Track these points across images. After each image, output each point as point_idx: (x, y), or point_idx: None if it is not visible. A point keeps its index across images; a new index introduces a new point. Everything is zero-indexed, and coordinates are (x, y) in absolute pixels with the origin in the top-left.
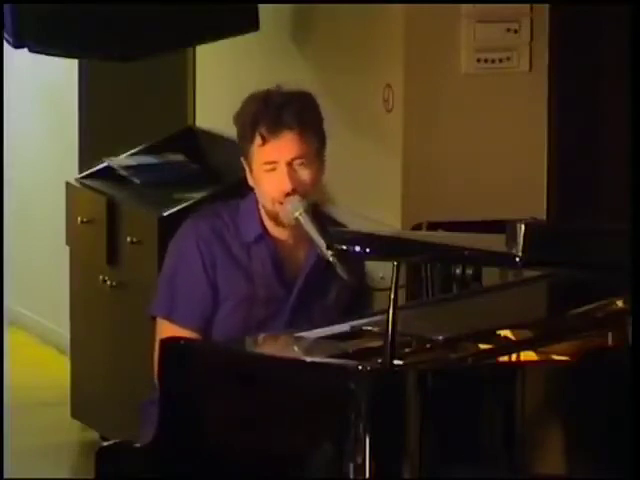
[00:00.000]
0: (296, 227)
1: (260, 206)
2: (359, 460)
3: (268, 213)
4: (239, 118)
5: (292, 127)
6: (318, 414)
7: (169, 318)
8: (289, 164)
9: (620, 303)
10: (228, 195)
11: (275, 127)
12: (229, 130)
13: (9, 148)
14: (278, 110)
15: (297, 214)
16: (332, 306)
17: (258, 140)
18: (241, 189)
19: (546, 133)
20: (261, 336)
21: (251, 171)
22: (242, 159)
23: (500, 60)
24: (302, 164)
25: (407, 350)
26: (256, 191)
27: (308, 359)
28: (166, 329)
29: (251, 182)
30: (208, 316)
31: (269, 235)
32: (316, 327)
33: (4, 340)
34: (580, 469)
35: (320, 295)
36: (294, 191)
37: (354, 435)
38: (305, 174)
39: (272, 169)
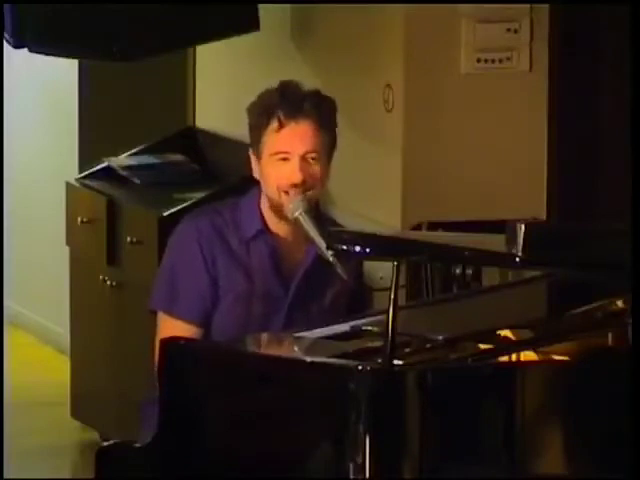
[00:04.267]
0: (297, 224)
1: (262, 202)
2: (359, 460)
3: (272, 205)
4: (255, 107)
5: (311, 116)
6: (318, 414)
7: (170, 312)
8: (302, 157)
9: (620, 303)
10: (228, 195)
11: (294, 113)
12: (229, 130)
13: (9, 148)
14: (299, 100)
15: (297, 214)
16: (330, 305)
17: (274, 125)
18: (241, 189)
19: (546, 133)
20: (261, 336)
21: (259, 159)
22: (250, 149)
23: (500, 60)
24: (314, 159)
25: (407, 350)
26: (262, 181)
27: (308, 359)
28: (167, 323)
29: (256, 173)
30: (208, 310)
31: (269, 231)
32: (314, 325)
33: (4, 340)
34: (580, 469)
35: (318, 293)
36: (303, 183)
37: (354, 435)
38: (315, 169)
39: (283, 159)
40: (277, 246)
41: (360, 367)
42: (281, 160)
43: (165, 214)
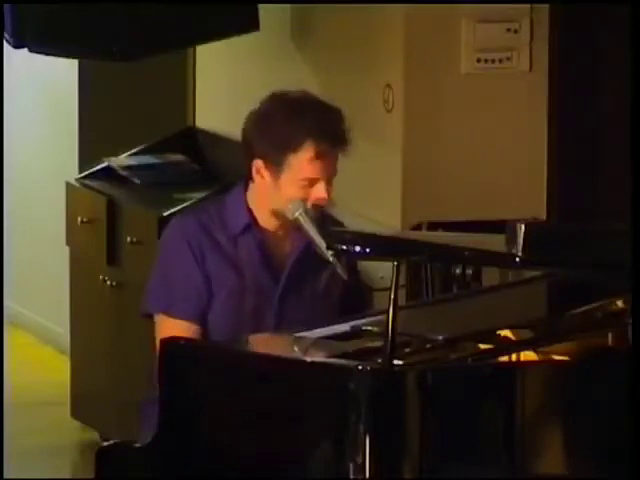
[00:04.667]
0: (286, 218)
1: (250, 197)
2: (359, 460)
3: (274, 210)
4: (277, 121)
5: (344, 147)
6: (318, 414)
7: (168, 313)
8: (327, 179)
9: (620, 303)
10: None
11: (335, 145)
12: (229, 130)
13: (9, 148)
14: (337, 126)
15: (297, 214)
16: (321, 298)
17: (309, 154)
18: None
19: (546, 133)
20: (261, 336)
21: (275, 175)
22: (259, 160)
23: (500, 60)
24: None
25: (407, 350)
26: (274, 194)
27: (308, 359)
28: (167, 324)
29: (259, 179)
30: (205, 307)
31: (257, 225)
32: (306, 319)
33: (4, 340)
34: (580, 469)
35: (308, 286)
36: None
37: (354, 435)
38: (330, 186)
39: (310, 185)
40: (265, 239)
41: (360, 367)
42: (308, 185)
43: (165, 214)
